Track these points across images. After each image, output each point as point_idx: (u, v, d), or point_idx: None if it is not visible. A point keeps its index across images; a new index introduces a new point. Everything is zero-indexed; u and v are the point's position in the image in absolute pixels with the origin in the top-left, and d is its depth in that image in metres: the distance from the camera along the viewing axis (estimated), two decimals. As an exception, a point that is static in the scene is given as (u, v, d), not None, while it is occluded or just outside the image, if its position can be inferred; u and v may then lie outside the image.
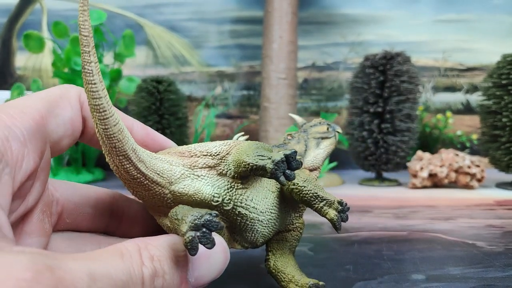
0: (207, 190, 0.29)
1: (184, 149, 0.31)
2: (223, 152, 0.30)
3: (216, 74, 1.53)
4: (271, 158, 0.27)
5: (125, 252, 0.22)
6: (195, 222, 0.23)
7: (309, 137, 0.41)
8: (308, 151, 0.40)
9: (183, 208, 0.26)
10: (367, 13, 1.50)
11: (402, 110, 1.07)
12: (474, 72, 1.50)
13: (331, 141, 0.41)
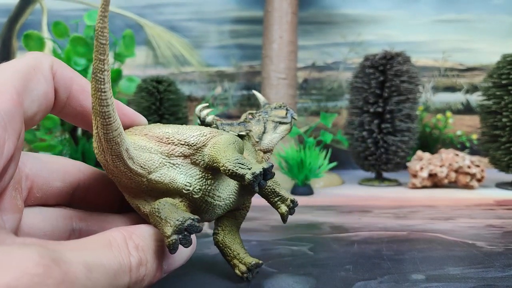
0: (181, 179, 0.31)
1: (162, 134, 0.31)
2: (200, 143, 0.32)
3: (216, 74, 1.53)
4: (250, 169, 0.28)
5: (113, 242, 0.23)
6: (179, 227, 0.26)
7: (268, 119, 0.43)
8: (265, 133, 0.42)
9: (165, 206, 0.28)
10: (367, 13, 1.50)
11: (402, 110, 1.07)
12: (474, 72, 1.50)
13: (287, 127, 0.43)
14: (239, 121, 0.41)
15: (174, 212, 0.27)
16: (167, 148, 0.31)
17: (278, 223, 0.67)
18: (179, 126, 0.33)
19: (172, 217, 0.26)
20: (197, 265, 0.46)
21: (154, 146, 0.31)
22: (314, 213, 0.75)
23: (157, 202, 0.29)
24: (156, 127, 0.32)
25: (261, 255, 0.50)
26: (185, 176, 0.31)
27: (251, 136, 0.41)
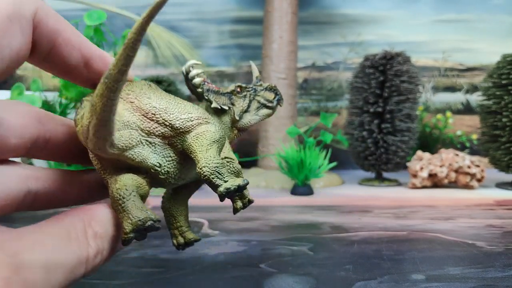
0: (153, 159, 0.30)
1: (149, 108, 0.30)
2: (184, 129, 0.31)
3: (216, 74, 1.53)
4: (226, 182, 0.28)
5: (72, 234, 0.23)
6: (139, 227, 0.26)
7: (254, 98, 0.41)
8: (247, 112, 0.40)
9: (130, 198, 0.27)
10: (367, 13, 1.50)
11: (402, 110, 1.07)
12: (474, 72, 1.50)
13: (269, 113, 0.41)
14: (226, 91, 0.40)
15: (138, 209, 0.26)
16: (149, 125, 0.30)
17: (278, 223, 0.67)
18: (169, 100, 0.31)
19: (134, 214, 0.26)
20: (197, 265, 0.46)
21: (137, 121, 0.29)
22: (314, 213, 0.75)
23: (122, 186, 0.28)
24: (145, 95, 0.31)
25: (261, 255, 0.50)
26: (158, 156, 0.31)
27: (232, 111, 0.39)
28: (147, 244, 0.56)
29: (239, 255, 0.49)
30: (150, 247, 0.54)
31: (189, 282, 0.41)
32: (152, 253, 0.52)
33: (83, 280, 0.43)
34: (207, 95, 0.36)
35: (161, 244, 0.56)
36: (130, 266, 0.47)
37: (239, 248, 0.52)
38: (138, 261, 0.49)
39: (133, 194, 0.27)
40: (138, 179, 0.29)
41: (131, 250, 0.53)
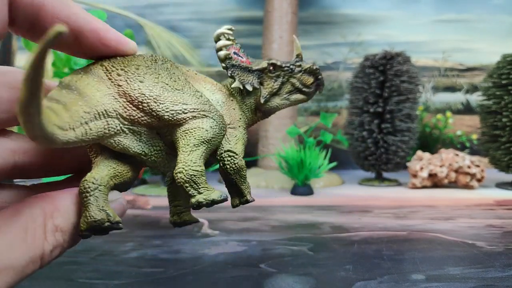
0: (137, 147, 0.28)
1: (137, 95, 0.26)
2: (174, 121, 0.27)
3: (216, 74, 1.53)
4: (201, 194, 0.26)
5: (29, 229, 0.22)
6: (95, 227, 0.24)
7: (289, 80, 0.36)
8: (277, 95, 0.35)
9: (94, 193, 0.25)
10: (367, 13, 1.49)
11: (402, 110, 1.07)
12: (474, 72, 1.49)
13: (303, 99, 0.36)
14: (256, 67, 0.35)
15: (97, 208, 0.24)
16: (134, 113, 0.26)
17: (278, 223, 0.67)
18: (166, 86, 0.28)
19: (92, 213, 0.24)
20: (197, 265, 0.46)
21: (119, 108, 0.26)
22: (314, 213, 0.75)
23: (90, 178, 0.25)
24: (138, 77, 0.27)
25: (261, 255, 0.50)
26: (144, 145, 0.28)
27: (258, 91, 0.35)
28: (147, 244, 0.56)
29: (239, 255, 0.49)
30: (150, 247, 0.54)
31: (189, 282, 0.41)
32: (152, 253, 0.52)
33: (83, 280, 0.43)
34: (232, 72, 0.32)
35: (161, 244, 0.55)
36: (130, 266, 0.47)
37: (239, 248, 0.52)
38: (138, 261, 0.49)
39: (99, 190, 0.25)
40: (118, 167, 0.27)
41: (131, 250, 0.53)
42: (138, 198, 0.91)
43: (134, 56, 0.28)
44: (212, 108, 0.29)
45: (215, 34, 0.32)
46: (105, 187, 0.26)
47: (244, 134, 0.32)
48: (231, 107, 0.33)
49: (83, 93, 0.25)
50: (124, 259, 0.50)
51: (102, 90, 0.26)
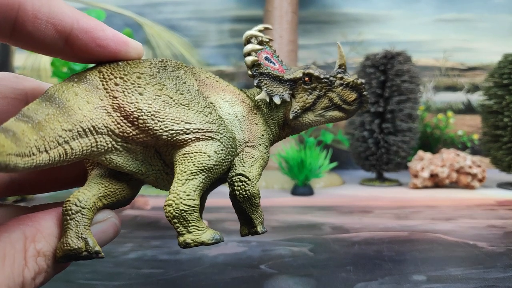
0: (132, 166, 0.24)
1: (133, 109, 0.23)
2: (174, 142, 0.23)
3: (216, 74, 1.52)
4: (190, 233, 0.23)
5: (8, 256, 0.20)
6: (70, 256, 0.22)
7: (327, 94, 0.30)
8: (311, 110, 0.30)
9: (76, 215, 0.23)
10: (368, 13, 1.49)
11: (403, 110, 1.07)
12: (475, 72, 1.49)
13: (341, 116, 0.31)
14: (288, 77, 0.30)
15: (75, 235, 0.22)
16: (129, 130, 0.23)
17: (278, 224, 0.67)
18: (169, 101, 0.23)
19: (69, 240, 0.22)
20: (197, 266, 0.45)
21: (111, 123, 0.23)
22: (314, 214, 0.75)
23: (74, 200, 0.23)
24: (137, 88, 0.23)
25: (261, 256, 0.49)
26: (141, 163, 0.25)
27: (288, 104, 0.30)
28: (146, 245, 0.55)
29: (239, 256, 0.49)
30: (149, 248, 0.54)
31: (188, 283, 0.40)
32: (151, 254, 0.51)
33: (82, 281, 0.43)
34: (259, 81, 0.28)
35: (160, 245, 0.55)
36: (129, 267, 0.47)
37: (239, 249, 0.52)
38: (137, 262, 0.49)
39: (81, 213, 0.22)
40: (111, 185, 0.25)
41: (130, 251, 0.53)
42: (137, 198, 0.91)
43: (141, 61, 0.25)
44: (222, 128, 0.25)
45: (244, 35, 0.28)
46: (89, 210, 0.23)
47: (264, 153, 0.28)
48: (253, 121, 0.29)
49: (67, 107, 0.22)
50: (123, 260, 0.49)
51: (93, 102, 0.22)
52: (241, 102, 0.29)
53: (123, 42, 0.24)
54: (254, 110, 0.29)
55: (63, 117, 0.21)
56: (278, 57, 0.31)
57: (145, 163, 0.25)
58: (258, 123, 0.29)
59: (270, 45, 0.30)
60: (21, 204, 0.26)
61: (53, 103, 0.22)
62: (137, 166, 0.24)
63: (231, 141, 0.25)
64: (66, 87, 0.23)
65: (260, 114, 0.29)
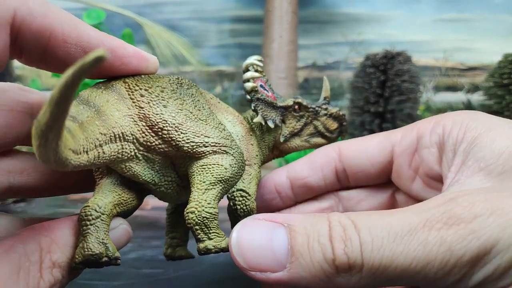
0: (148, 175, 0.25)
1: (158, 120, 0.24)
2: (192, 153, 0.25)
3: (216, 74, 1.52)
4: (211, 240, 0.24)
5: (23, 268, 0.20)
6: (90, 261, 0.22)
7: (312, 122, 0.34)
8: (298, 136, 0.33)
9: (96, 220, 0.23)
10: (368, 13, 1.49)
11: (403, 110, 1.07)
12: (475, 72, 1.49)
13: (323, 143, 0.35)
14: (281, 104, 0.33)
15: (96, 240, 0.22)
16: (152, 140, 0.24)
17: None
18: (190, 115, 0.25)
19: (90, 245, 0.22)
20: (196, 266, 0.45)
21: (137, 132, 0.24)
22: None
23: (93, 205, 0.23)
24: (162, 101, 0.24)
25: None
26: (156, 173, 0.26)
27: (279, 129, 0.33)
28: (146, 245, 0.55)
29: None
30: (149, 248, 0.54)
31: (188, 283, 0.40)
32: (151, 253, 0.51)
33: (82, 281, 0.43)
34: (256, 106, 0.31)
35: (160, 245, 0.55)
36: (129, 267, 0.47)
37: (239, 249, 0.52)
38: (137, 262, 0.49)
39: (101, 219, 0.23)
40: (123, 194, 0.25)
41: (130, 251, 0.53)
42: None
43: (160, 76, 0.27)
44: (234, 144, 0.27)
45: (244, 64, 0.31)
46: (108, 216, 0.24)
47: (258, 172, 0.30)
48: (249, 142, 0.31)
49: (101, 111, 0.23)
50: (123, 260, 0.49)
51: (122, 110, 0.24)
52: (240, 123, 0.31)
53: (144, 58, 0.26)
54: (250, 131, 0.31)
55: (99, 121, 0.22)
56: (270, 85, 0.33)
57: (160, 174, 0.26)
58: (254, 144, 0.31)
59: (263, 75, 0.32)
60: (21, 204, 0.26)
61: (90, 106, 0.23)
62: (151, 176, 0.26)
63: (242, 156, 0.27)
64: (97, 93, 0.24)
65: (254, 136, 0.32)
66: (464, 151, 0.25)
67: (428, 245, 0.20)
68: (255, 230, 0.23)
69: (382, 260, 0.20)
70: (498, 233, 0.19)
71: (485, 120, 0.25)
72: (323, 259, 0.21)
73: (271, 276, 0.22)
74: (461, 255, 0.20)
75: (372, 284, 0.21)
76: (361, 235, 0.21)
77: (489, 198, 0.21)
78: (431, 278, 0.20)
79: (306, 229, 0.21)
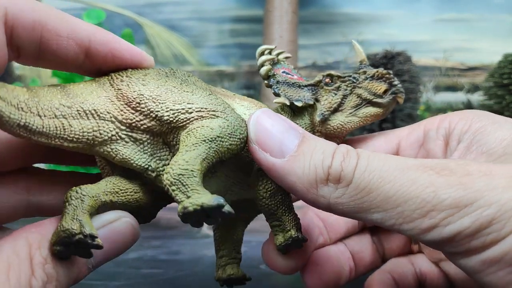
0: (140, 159, 0.23)
1: (135, 95, 0.23)
2: (175, 123, 0.23)
3: (216, 74, 1.52)
4: (189, 198, 0.20)
5: (12, 265, 0.19)
6: (64, 241, 0.20)
7: (353, 91, 0.28)
8: (339, 111, 0.29)
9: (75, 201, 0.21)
10: (368, 12, 1.49)
11: (403, 109, 1.07)
12: (475, 72, 1.49)
13: (377, 112, 0.29)
14: (308, 82, 0.28)
15: (71, 218, 0.20)
16: (132, 117, 0.23)
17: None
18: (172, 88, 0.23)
19: (64, 221, 0.20)
20: (196, 266, 0.45)
21: (114, 110, 0.23)
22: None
23: (74, 189, 0.21)
24: (141, 81, 0.23)
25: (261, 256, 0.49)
26: (149, 157, 0.24)
27: (313, 109, 0.28)
28: (146, 245, 0.55)
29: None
30: (149, 248, 0.54)
31: (188, 283, 0.40)
32: (151, 254, 0.51)
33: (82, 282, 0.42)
34: (276, 89, 0.27)
35: (160, 245, 0.55)
36: (129, 267, 0.47)
37: (239, 249, 0.52)
38: (137, 262, 0.49)
39: (81, 199, 0.21)
40: (120, 183, 0.23)
41: (130, 251, 0.52)
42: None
43: (151, 69, 0.25)
44: (229, 110, 0.24)
45: (258, 50, 0.28)
46: (91, 199, 0.21)
47: None
48: None
49: (70, 90, 0.22)
50: (123, 260, 0.49)
51: (97, 92, 0.23)
52: (259, 108, 0.28)
53: (138, 53, 0.25)
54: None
55: (63, 96, 0.22)
56: (298, 71, 0.30)
57: (154, 157, 0.24)
58: None
59: (287, 63, 0.29)
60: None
61: (57, 86, 0.22)
62: (145, 160, 0.24)
63: (240, 121, 0.24)
64: (74, 83, 0.24)
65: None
66: (468, 138, 0.26)
67: (415, 183, 0.21)
68: (276, 119, 0.25)
69: (369, 183, 0.21)
70: (484, 191, 0.20)
71: (490, 116, 0.26)
72: (320, 164, 0.23)
73: (268, 158, 0.24)
74: (443, 199, 0.20)
75: (350, 206, 0.22)
76: (360, 158, 0.22)
77: (483, 164, 0.22)
78: (406, 217, 0.21)
79: (316, 142, 0.24)
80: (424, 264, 0.34)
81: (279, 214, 0.27)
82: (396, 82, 0.30)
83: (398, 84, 0.30)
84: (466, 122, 0.26)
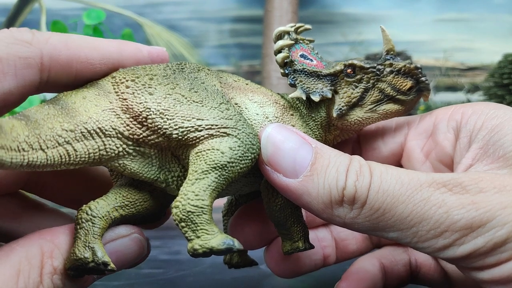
0: (149, 172, 0.23)
1: (142, 109, 0.21)
2: (184, 140, 0.22)
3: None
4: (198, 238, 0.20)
5: (23, 271, 0.19)
6: (78, 267, 0.20)
7: (376, 85, 0.26)
8: (359, 106, 0.26)
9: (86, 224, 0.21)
10: (368, 12, 1.49)
11: (403, 109, 1.07)
12: (475, 72, 1.49)
13: (398, 110, 0.26)
14: (327, 71, 0.27)
15: (83, 245, 0.20)
16: (139, 132, 0.22)
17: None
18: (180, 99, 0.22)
19: (77, 249, 0.20)
20: (196, 266, 0.45)
21: (119, 125, 0.22)
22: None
23: (85, 208, 0.21)
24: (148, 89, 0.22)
25: (261, 255, 0.49)
26: (158, 169, 0.23)
27: (331, 102, 0.26)
28: (146, 244, 0.55)
29: (239, 256, 0.49)
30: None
31: (188, 283, 0.40)
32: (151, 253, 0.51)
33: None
34: (293, 79, 0.26)
35: (161, 245, 0.55)
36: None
37: (239, 248, 0.52)
38: (137, 262, 0.49)
39: (92, 222, 0.21)
40: (130, 194, 0.23)
41: (130, 251, 0.53)
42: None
43: (158, 64, 0.24)
44: (240, 125, 0.23)
45: (275, 32, 0.25)
46: (102, 219, 0.21)
47: None
48: (288, 123, 0.25)
49: (71, 108, 0.21)
50: (123, 260, 0.49)
51: (101, 105, 0.22)
52: (273, 103, 0.26)
53: (157, 56, 0.26)
54: (290, 111, 0.26)
55: (65, 117, 0.21)
56: (317, 53, 0.29)
57: (163, 170, 0.23)
58: (295, 125, 0.26)
59: (306, 43, 0.28)
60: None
61: (56, 105, 0.21)
62: (154, 172, 0.23)
63: (252, 138, 0.23)
64: (76, 92, 0.22)
65: (298, 116, 0.27)
66: (483, 139, 0.24)
67: (428, 203, 0.20)
68: (288, 135, 0.24)
69: (383, 204, 0.21)
70: (497, 210, 0.20)
71: (508, 111, 0.25)
72: (335, 184, 0.22)
73: (281, 178, 0.23)
74: (456, 221, 0.20)
75: (364, 226, 0.22)
76: (373, 176, 0.22)
77: (498, 177, 0.21)
78: (421, 237, 0.21)
79: (330, 156, 0.23)
80: (421, 255, 0.34)
81: (288, 226, 0.26)
82: (423, 78, 0.27)
83: (425, 80, 0.27)
84: (480, 117, 0.25)
